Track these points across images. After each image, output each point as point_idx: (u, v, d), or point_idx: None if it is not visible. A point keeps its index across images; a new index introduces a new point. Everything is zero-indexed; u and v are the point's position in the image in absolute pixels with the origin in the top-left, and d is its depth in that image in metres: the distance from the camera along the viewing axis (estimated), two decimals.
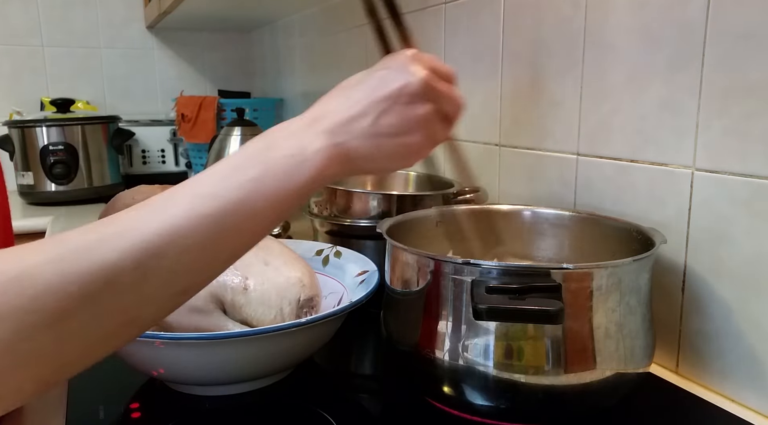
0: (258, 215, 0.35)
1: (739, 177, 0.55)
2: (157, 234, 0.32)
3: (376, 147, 0.39)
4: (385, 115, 0.39)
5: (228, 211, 0.34)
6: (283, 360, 0.59)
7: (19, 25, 1.89)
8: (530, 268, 0.50)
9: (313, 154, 0.37)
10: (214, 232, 0.33)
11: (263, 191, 0.35)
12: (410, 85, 0.40)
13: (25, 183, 1.63)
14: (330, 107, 0.40)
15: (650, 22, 0.62)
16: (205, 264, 0.34)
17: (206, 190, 0.34)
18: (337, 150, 0.38)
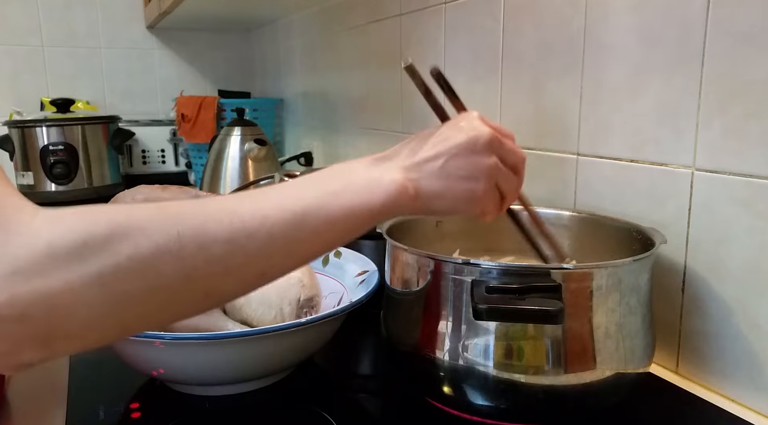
0: (334, 222, 0.39)
1: (739, 177, 0.55)
2: (251, 216, 0.36)
3: (445, 187, 0.43)
4: (456, 160, 0.43)
5: (309, 212, 0.38)
6: (283, 360, 0.59)
7: (19, 25, 1.89)
8: (530, 268, 0.50)
9: (388, 182, 0.41)
10: (296, 227, 0.38)
11: (341, 203, 0.39)
12: (479, 137, 0.44)
13: (25, 183, 1.63)
14: (405, 150, 0.44)
15: (650, 22, 0.62)
16: (285, 253, 0.38)
17: (294, 192, 0.40)
18: (410, 184, 0.42)
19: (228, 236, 0.35)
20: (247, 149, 1.34)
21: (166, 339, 0.52)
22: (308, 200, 0.38)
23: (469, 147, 0.44)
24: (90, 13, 1.97)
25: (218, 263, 0.35)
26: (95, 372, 0.65)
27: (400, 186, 0.41)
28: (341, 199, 0.39)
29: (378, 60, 1.24)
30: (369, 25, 1.27)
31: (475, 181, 0.44)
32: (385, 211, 0.41)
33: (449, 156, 0.43)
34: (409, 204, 0.42)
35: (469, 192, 0.44)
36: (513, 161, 0.47)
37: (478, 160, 0.44)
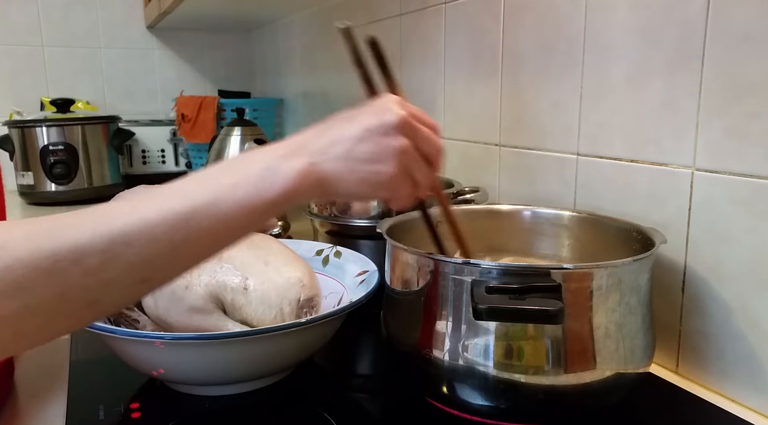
0: (226, 219, 0.37)
1: (739, 177, 0.55)
2: (128, 223, 0.34)
3: (349, 170, 0.41)
4: (361, 143, 0.42)
5: (197, 210, 0.36)
6: (283, 360, 0.59)
7: (19, 25, 1.89)
8: (530, 268, 0.50)
9: (286, 169, 0.39)
10: (182, 228, 0.36)
11: (234, 197, 0.37)
12: (389, 120, 0.42)
13: (25, 183, 1.63)
14: (309, 135, 0.43)
15: (650, 22, 0.62)
16: (169, 259, 0.37)
17: (181, 190, 0.37)
18: (311, 169, 0.40)
19: (104, 247, 0.33)
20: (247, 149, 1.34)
21: (166, 339, 0.52)
22: (197, 198, 0.36)
23: (378, 130, 0.42)
24: (90, 13, 1.97)
25: (95, 275, 0.34)
26: (95, 372, 0.65)
27: (299, 174, 0.39)
28: (234, 192, 0.37)
29: None
30: (369, 25, 1.26)
31: (381, 164, 0.42)
32: (283, 201, 0.39)
33: (356, 139, 0.42)
34: (310, 190, 0.41)
35: (374, 175, 0.42)
36: (427, 149, 0.44)
37: (386, 143, 0.42)
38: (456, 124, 0.99)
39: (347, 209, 0.80)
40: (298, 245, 0.78)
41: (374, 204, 0.79)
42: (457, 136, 0.99)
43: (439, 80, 1.02)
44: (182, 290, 0.60)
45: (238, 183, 0.38)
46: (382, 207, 0.79)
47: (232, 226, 0.38)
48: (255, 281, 0.61)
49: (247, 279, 0.61)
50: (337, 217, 0.81)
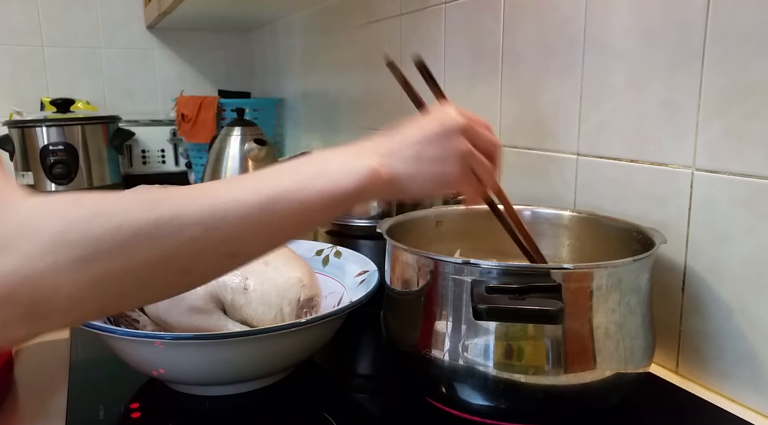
0: (308, 205, 0.41)
1: (739, 177, 0.55)
2: (227, 200, 0.38)
3: (417, 170, 0.45)
4: (428, 146, 0.46)
5: (283, 196, 0.40)
6: (283, 360, 0.59)
7: (19, 25, 1.89)
8: (530, 268, 0.50)
9: (360, 167, 0.43)
10: (270, 209, 0.39)
11: (315, 187, 0.41)
12: (452, 124, 0.47)
13: (25, 183, 1.63)
14: (380, 140, 0.46)
15: (650, 22, 0.62)
16: (257, 236, 0.40)
17: (270, 178, 0.41)
18: (383, 168, 0.44)
19: (201, 218, 0.36)
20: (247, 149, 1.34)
21: (166, 339, 0.52)
22: (283, 185, 0.40)
23: (442, 133, 0.46)
24: (90, 13, 1.97)
25: (192, 244, 0.36)
26: (95, 372, 0.65)
27: (374, 170, 0.43)
28: (316, 183, 0.41)
29: (378, 60, 1.24)
30: (369, 25, 1.26)
31: (446, 164, 0.46)
32: (358, 194, 0.42)
33: (422, 142, 0.46)
34: (383, 187, 0.44)
35: (440, 175, 0.46)
36: (486, 147, 0.49)
37: (450, 145, 0.46)
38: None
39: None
40: (298, 245, 0.78)
41: (374, 204, 0.79)
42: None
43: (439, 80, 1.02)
44: None
45: (320, 174, 0.42)
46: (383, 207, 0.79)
47: (311, 212, 0.41)
48: (255, 281, 0.61)
49: (247, 279, 0.61)
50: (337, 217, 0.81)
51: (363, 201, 0.45)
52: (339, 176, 0.42)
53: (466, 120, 0.47)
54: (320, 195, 0.41)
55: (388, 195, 0.46)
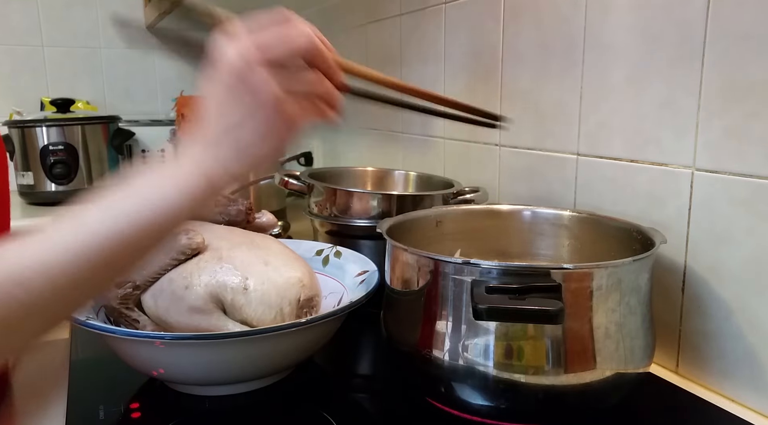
0: (132, 246, 0.37)
1: (739, 177, 0.55)
2: (28, 263, 0.33)
3: (246, 156, 0.40)
4: (239, 129, 0.39)
5: (93, 246, 0.35)
6: (283, 360, 0.59)
7: (19, 25, 1.89)
8: (530, 268, 0.50)
9: (185, 186, 0.39)
10: (78, 267, 0.35)
11: (138, 225, 0.37)
12: (241, 67, 0.38)
13: (25, 183, 1.63)
14: (199, 134, 0.41)
15: (650, 22, 0.62)
16: (69, 298, 0.36)
17: (81, 223, 0.36)
18: (209, 176, 0.39)
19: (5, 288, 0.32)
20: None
21: (166, 339, 0.52)
22: (90, 231, 0.35)
23: (239, 86, 0.38)
24: (90, 13, 1.97)
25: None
26: (95, 372, 0.65)
27: (200, 187, 0.39)
28: (132, 217, 0.36)
29: (378, 60, 1.24)
30: (369, 25, 1.26)
31: (265, 121, 0.39)
32: (189, 213, 0.39)
33: (231, 129, 0.39)
34: (216, 189, 0.40)
35: (269, 131, 0.40)
36: (296, 57, 0.40)
37: (258, 97, 0.38)
38: (456, 124, 0.99)
39: (347, 209, 0.81)
40: (298, 245, 0.78)
41: (374, 204, 0.79)
42: (457, 136, 0.99)
43: (439, 80, 1.02)
44: (182, 290, 0.60)
45: (140, 209, 0.37)
46: (383, 207, 0.79)
47: (137, 251, 0.38)
48: (255, 281, 0.61)
49: (247, 279, 0.61)
50: (337, 217, 0.81)
51: (198, 209, 0.39)
52: (162, 205, 0.37)
53: (245, 43, 0.38)
54: (146, 231, 0.36)
55: (226, 187, 0.41)
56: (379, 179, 1.02)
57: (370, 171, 1.03)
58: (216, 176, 0.40)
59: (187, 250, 0.62)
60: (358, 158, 1.38)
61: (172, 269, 0.62)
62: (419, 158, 1.12)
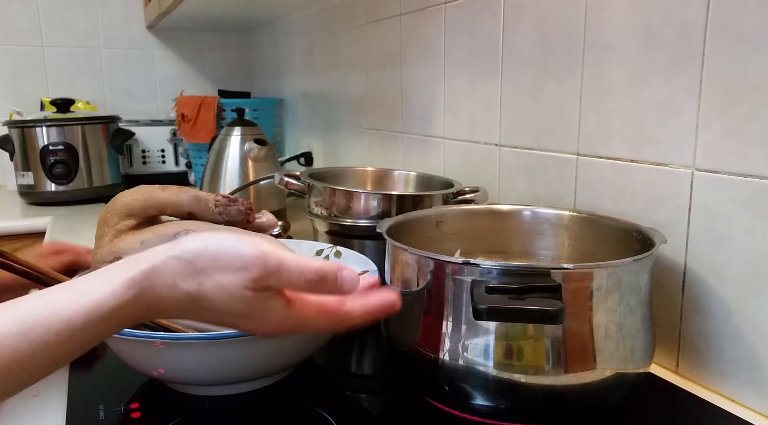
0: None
1: (739, 177, 0.55)
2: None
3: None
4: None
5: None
6: (283, 360, 0.59)
7: (19, 25, 1.89)
8: (530, 268, 0.50)
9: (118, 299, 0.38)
10: None
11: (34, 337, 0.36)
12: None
13: (25, 183, 1.63)
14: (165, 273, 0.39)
15: (650, 22, 0.62)
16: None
17: None
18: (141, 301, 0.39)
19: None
20: (247, 149, 1.34)
21: (166, 339, 0.52)
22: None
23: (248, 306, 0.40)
24: (90, 13, 1.97)
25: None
26: (95, 372, 0.65)
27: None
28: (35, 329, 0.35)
29: (378, 60, 1.24)
30: (369, 25, 1.26)
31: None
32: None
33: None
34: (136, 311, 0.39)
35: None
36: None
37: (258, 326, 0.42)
38: (456, 124, 0.99)
39: (347, 209, 0.81)
40: (298, 245, 0.78)
41: (374, 204, 0.79)
42: (457, 136, 0.99)
43: (439, 80, 1.02)
44: None
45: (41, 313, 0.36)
46: (383, 207, 0.79)
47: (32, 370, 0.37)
48: None
49: None
50: (337, 217, 0.81)
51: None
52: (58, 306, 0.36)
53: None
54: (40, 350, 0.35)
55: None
56: (379, 179, 1.02)
57: (370, 171, 1.03)
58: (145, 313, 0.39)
59: None
60: (358, 158, 1.38)
61: None
62: (419, 158, 1.12)
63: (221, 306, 0.39)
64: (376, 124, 1.28)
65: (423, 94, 1.08)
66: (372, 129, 1.30)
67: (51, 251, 0.69)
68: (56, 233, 1.33)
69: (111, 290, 0.37)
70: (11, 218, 1.51)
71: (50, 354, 0.36)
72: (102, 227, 0.64)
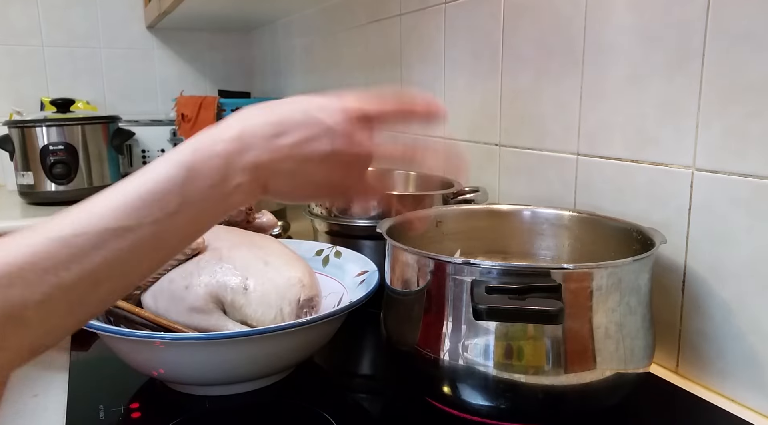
0: (165, 249, 0.36)
1: (739, 177, 0.55)
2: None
3: (294, 186, 0.42)
4: (309, 163, 0.41)
5: (139, 247, 0.35)
6: (283, 360, 0.59)
7: (19, 25, 1.89)
8: (530, 268, 0.50)
9: (234, 188, 0.38)
10: (123, 266, 0.35)
11: (178, 226, 0.36)
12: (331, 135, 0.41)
13: (25, 183, 1.63)
14: (256, 132, 0.39)
15: (650, 22, 0.62)
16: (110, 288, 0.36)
17: (120, 222, 0.35)
18: (258, 185, 0.39)
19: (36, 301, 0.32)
20: None
21: (166, 339, 0.52)
22: (139, 233, 0.35)
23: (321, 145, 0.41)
24: (90, 13, 1.97)
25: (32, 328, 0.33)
26: (95, 372, 0.65)
27: (247, 192, 0.39)
28: (178, 221, 0.36)
29: (378, 60, 1.24)
30: (369, 25, 1.26)
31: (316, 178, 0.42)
32: (227, 214, 0.38)
33: (301, 158, 0.40)
34: (253, 201, 0.41)
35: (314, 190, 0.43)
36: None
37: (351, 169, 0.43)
38: (456, 124, 0.99)
39: (347, 209, 0.81)
40: (298, 245, 0.78)
41: (374, 204, 0.79)
42: (457, 136, 0.99)
43: (439, 80, 1.02)
44: (182, 290, 0.60)
45: (182, 210, 0.36)
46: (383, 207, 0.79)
47: (167, 254, 0.37)
48: (255, 281, 0.61)
49: (247, 279, 0.61)
50: (337, 217, 0.81)
51: None
52: (208, 207, 0.37)
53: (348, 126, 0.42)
54: (182, 235, 0.36)
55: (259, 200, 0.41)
56: None
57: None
58: (265, 189, 0.40)
59: (188, 250, 0.62)
60: None
61: (172, 269, 0.62)
62: None
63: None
64: None
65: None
66: None
67: None
68: None
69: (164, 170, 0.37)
70: (11, 218, 1.50)
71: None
72: None
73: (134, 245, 0.35)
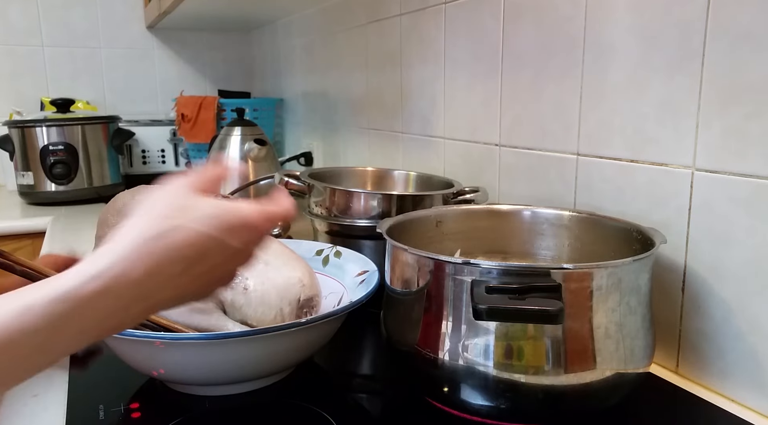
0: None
1: (739, 177, 0.55)
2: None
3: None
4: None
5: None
6: (283, 360, 0.59)
7: (19, 25, 1.89)
8: (530, 268, 0.50)
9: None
10: None
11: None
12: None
13: (25, 183, 1.63)
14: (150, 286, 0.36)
15: (650, 22, 0.62)
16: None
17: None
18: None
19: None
20: (247, 149, 1.34)
21: (166, 339, 0.52)
22: None
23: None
24: (90, 13, 1.97)
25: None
26: (95, 372, 0.65)
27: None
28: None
29: (378, 60, 1.24)
30: (369, 25, 1.26)
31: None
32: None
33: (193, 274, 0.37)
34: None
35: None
36: None
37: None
38: (456, 124, 0.99)
39: (347, 209, 0.81)
40: (298, 245, 0.78)
41: (374, 204, 0.79)
42: (457, 136, 0.99)
43: (439, 80, 1.02)
44: None
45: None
46: (383, 207, 0.79)
47: None
48: (255, 281, 0.61)
49: (247, 279, 0.61)
50: (337, 217, 0.81)
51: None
52: None
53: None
54: None
55: None
56: (379, 179, 1.02)
57: (370, 171, 1.03)
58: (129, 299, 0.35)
59: None
60: (358, 158, 1.38)
61: None
62: (419, 158, 1.12)
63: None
64: (376, 124, 1.28)
65: (423, 94, 1.08)
66: (372, 129, 1.30)
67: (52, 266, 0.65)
68: (56, 234, 1.33)
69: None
70: (11, 218, 1.51)
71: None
72: (102, 227, 0.64)
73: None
